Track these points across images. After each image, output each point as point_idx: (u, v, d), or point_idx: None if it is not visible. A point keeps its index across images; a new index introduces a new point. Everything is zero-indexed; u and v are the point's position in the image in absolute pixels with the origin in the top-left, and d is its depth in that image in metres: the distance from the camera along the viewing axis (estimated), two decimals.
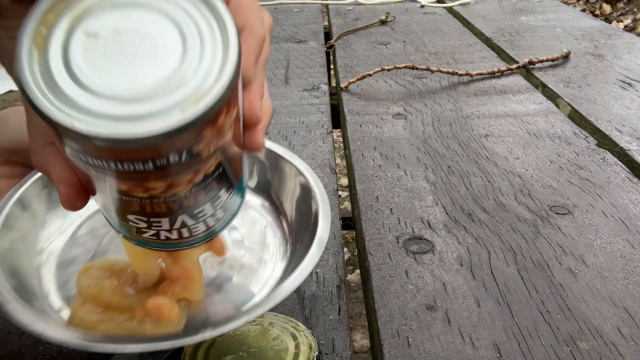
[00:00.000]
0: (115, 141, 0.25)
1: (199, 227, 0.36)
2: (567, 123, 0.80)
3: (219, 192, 0.35)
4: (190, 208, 0.33)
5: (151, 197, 0.31)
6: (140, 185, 0.29)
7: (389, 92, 0.95)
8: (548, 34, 1.26)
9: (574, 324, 0.44)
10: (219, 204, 0.35)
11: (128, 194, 0.30)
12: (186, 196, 0.32)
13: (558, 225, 0.57)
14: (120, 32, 0.27)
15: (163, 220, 0.33)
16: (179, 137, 0.26)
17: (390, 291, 0.48)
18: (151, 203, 0.31)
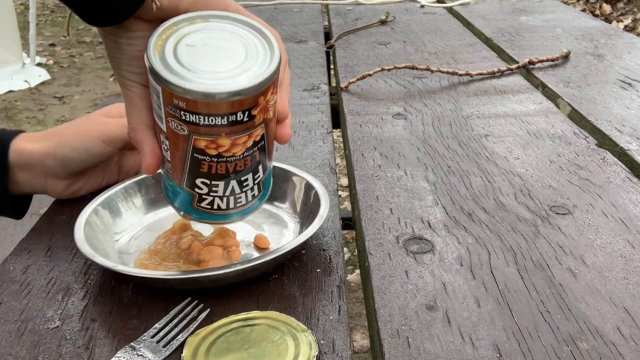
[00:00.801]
0: (207, 95, 0.42)
1: (242, 199, 0.49)
2: (567, 123, 0.80)
3: (259, 166, 0.48)
4: (240, 173, 0.47)
5: (218, 155, 0.45)
6: (214, 142, 0.44)
7: (389, 92, 0.95)
8: (548, 34, 1.26)
9: (574, 324, 0.44)
10: (258, 178, 0.49)
11: (203, 151, 0.45)
12: (240, 158, 0.46)
13: (558, 225, 0.57)
14: (207, 45, 0.44)
15: (220, 183, 0.47)
16: (245, 96, 0.42)
17: (390, 291, 0.48)
18: (217, 163, 0.46)
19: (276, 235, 0.57)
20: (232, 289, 0.50)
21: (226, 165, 0.46)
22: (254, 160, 0.47)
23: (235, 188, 0.48)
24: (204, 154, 0.45)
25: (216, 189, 0.47)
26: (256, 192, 0.50)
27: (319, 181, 0.60)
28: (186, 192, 0.48)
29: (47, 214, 0.64)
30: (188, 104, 0.42)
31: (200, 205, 0.48)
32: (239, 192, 0.48)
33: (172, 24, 0.45)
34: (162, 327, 0.45)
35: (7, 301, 0.50)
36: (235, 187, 0.48)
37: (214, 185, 0.47)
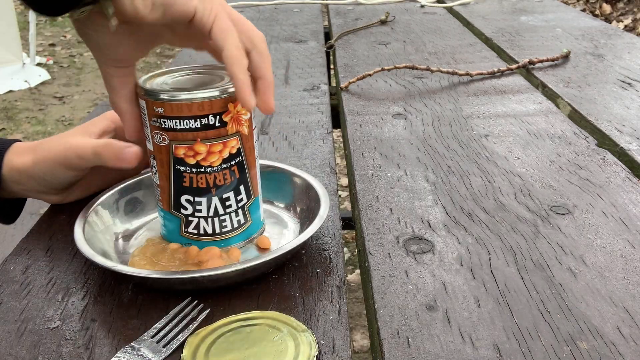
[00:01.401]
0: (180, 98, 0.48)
1: (227, 224, 0.53)
2: (567, 123, 0.80)
3: (240, 187, 0.52)
4: (221, 189, 0.51)
5: (197, 164, 0.50)
6: (192, 149, 0.49)
7: (389, 92, 0.95)
8: (548, 33, 1.26)
9: (574, 324, 0.44)
10: (241, 202, 0.53)
11: (183, 161, 0.50)
12: (218, 170, 0.50)
13: (558, 225, 0.57)
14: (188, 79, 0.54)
15: (202, 200, 0.51)
16: (214, 98, 0.48)
17: (390, 291, 0.48)
18: (196, 174, 0.50)
19: (276, 235, 0.57)
20: (232, 289, 0.50)
21: (206, 178, 0.50)
22: (234, 176, 0.51)
23: (218, 208, 0.52)
24: (184, 163, 0.50)
25: (200, 208, 0.51)
26: (241, 218, 0.53)
27: (319, 181, 0.60)
28: (174, 217, 0.53)
29: (47, 214, 0.64)
30: (165, 109, 0.49)
31: (188, 231, 0.53)
32: (223, 212, 0.52)
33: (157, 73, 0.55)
34: (162, 327, 0.45)
35: (7, 301, 0.50)
36: (218, 206, 0.52)
37: (197, 203, 0.51)
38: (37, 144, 0.61)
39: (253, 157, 0.53)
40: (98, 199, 0.59)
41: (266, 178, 0.62)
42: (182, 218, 0.52)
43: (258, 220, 0.56)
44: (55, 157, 0.58)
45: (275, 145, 0.77)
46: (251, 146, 0.52)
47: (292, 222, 0.59)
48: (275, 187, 0.62)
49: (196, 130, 0.49)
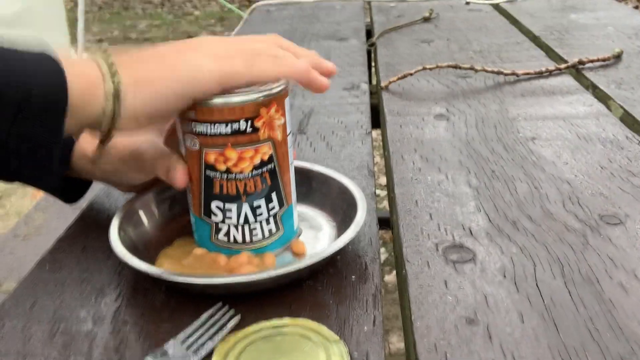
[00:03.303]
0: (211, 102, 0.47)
1: (257, 232, 0.51)
2: (619, 126, 0.76)
3: (272, 194, 0.51)
4: (251, 196, 0.50)
5: (227, 171, 0.48)
6: (222, 155, 0.48)
7: (431, 91, 0.92)
8: (599, 32, 1.21)
9: (625, 344, 0.41)
10: (273, 209, 0.51)
11: (213, 167, 0.49)
12: (249, 177, 0.49)
13: (609, 236, 0.53)
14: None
15: (232, 207, 0.50)
16: (245, 103, 0.47)
17: (428, 302, 0.46)
18: (227, 181, 0.49)
19: (311, 239, 0.56)
20: (264, 294, 0.49)
21: (236, 184, 0.49)
22: (265, 183, 0.50)
23: (248, 215, 0.50)
24: (214, 169, 0.49)
25: (230, 215, 0.50)
26: (273, 227, 0.52)
27: (356, 184, 0.59)
28: (205, 223, 0.52)
29: (85, 212, 0.64)
30: (197, 113, 0.47)
31: (218, 238, 0.52)
32: (253, 221, 0.51)
33: None
34: (192, 333, 0.44)
35: (41, 300, 0.50)
36: (248, 213, 0.50)
37: (228, 210, 0.50)
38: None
39: (287, 164, 0.51)
40: (135, 199, 0.59)
41: (302, 180, 0.62)
42: (212, 225, 0.51)
43: (291, 229, 0.54)
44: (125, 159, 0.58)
45: (313, 146, 0.76)
46: (285, 152, 0.51)
47: (327, 226, 0.58)
48: (311, 190, 0.61)
49: (227, 135, 0.48)
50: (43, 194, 1.96)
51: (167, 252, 0.54)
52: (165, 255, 0.54)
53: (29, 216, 1.34)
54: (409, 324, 0.45)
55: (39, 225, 1.29)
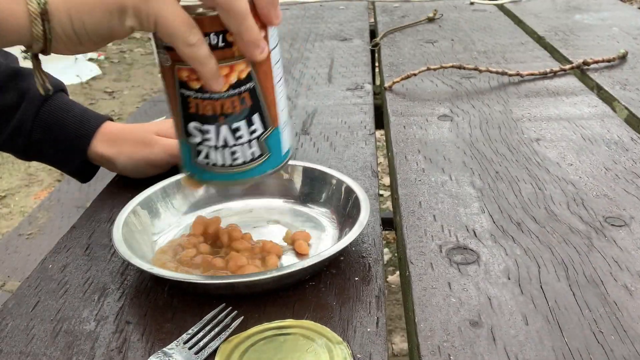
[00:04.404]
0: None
1: (238, 155, 0.47)
2: (624, 128, 0.76)
3: (253, 116, 0.46)
4: (230, 117, 0.46)
5: (201, 89, 0.44)
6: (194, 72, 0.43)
7: (434, 92, 0.92)
8: (604, 33, 1.20)
9: (630, 347, 0.41)
10: (254, 132, 0.47)
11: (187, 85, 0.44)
12: (225, 97, 0.45)
13: (613, 238, 0.53)
14: None
15: (211, 128, 0.46)
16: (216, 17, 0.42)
17: (431, 304, 0.46)
18: (202, 100, 0.45)
19: (314, 240, 0.56)
20: (268, 295, 0.48)
21: (212, 104, 0.45)
22: (244, 104, 0.46)
23: (227, 138, 0.46)
24: (188, 87, 0.45)
25: (208, 137, 0.46)
26: (256, 150, 0.48)
27: (359, 185, 0.59)
28: (185, 144, 0.48)
29: (88, 211, 0.64)
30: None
31: (198, 161, 0.48)
32: (233, 143, 0.47)
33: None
34: (195, 333, 0.44)
35: (44, 300, 0.50)
36: (227, 136, 0.46)
37: (206, 132, 0.46)
38: (118, 136, 0.69)
39: (270, 83, 0.46)
40: (137, 198, 0.58)
41: (305, 180, 0.62)
42: (192, 146, 0.47)
43: (278, 154, 0.49)
44: (142, 154, 0.67)
45: (317, 146, 0.76)
46: (267, 70, 0.45)
47: (331, 227, 0.58)
48: (314, 190, 0.61)
49: None
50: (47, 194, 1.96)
51: (163, 249, 0.55)
52: (161, 251, 0.54)
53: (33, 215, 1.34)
54: (413, 325, 0.45)
55: (42, 225, 1.29)
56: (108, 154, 0.68)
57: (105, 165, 0.70)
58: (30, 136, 0.67)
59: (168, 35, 0.41)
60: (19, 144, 0.68)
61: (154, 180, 0.62)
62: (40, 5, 0.39)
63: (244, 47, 0.43)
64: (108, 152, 0.68)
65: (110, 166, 0.69)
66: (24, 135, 0.67)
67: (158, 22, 0.41)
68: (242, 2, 0.41)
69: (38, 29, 0.40)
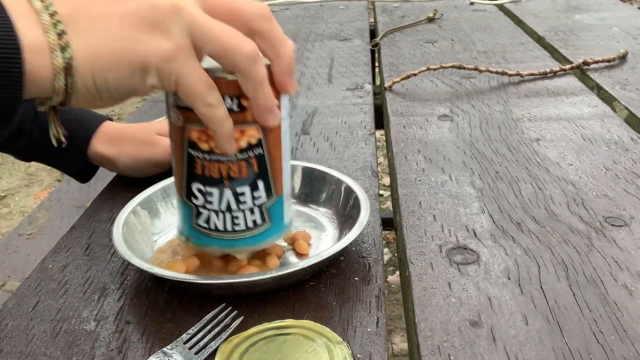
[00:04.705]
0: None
1: (240, 222, 0.47)
2: (624, 128, 0.76)
3: (258, 182, 0.46)
4: (235, 181, 0.46)
5: (210, 151, 0.45)
6: (205, 133, 0.44)
7: (434, 92, 0.92)
8: (604, 33, 1.20)
9: (630, 347, 0.41)
10: (258, 199, 0.47)
11: (196, 145, 0.45)
12: (233, 160, 0.45)
13: (614, 238, 0.53)
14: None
15: (214, 191, 0.46)
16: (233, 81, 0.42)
17: (431, 304, 0.46)
18: (209, 162, 0.45)
19: (314, 240, 0.56)
20: (268, 295, 0.48)
21: (219, 167, 0.45)
22: (251, 170, 0.46)
23: (231, 202, 0.47)
24: (197, 148, 0.45)
25: (211, 199, 0.47)
26: (258, 218, 0.48)
27: (359, 185, 0.59)
28: (186, 206, 0.48)
29: (88, 211, 0.64)
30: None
31: (199, 224, 0.48)
32: (236, 209, 0.47)
33: None
34: (195, 333, 0.44)
35: (44, 300, 0.50)
36: (230, 200, 0.47)
37: (209, 194, 0.47)
38: (119, 136, 0.69)
39: (278, 152, 0.47)
40: (137, 198, 0.58)
41: (305, 180, 0.62)
42: (193, 208, 0.48)
43: (280, 224, 0.49)
44: (145, 154, 0.67)
45: (317, 146, 0.76)
46: (276, 139, 0.46)
47: (331, 227, 0.58)
48: (314, 190, 0.61)
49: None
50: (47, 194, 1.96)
51: (162, 248, 0.55)
52: (160, 250, 0.54)
53: (33, 215, 1.34)
54: (413, 325, 0.45)
55: (42, 225, 1.29)
56: (109, 154, 0.68)
57: (106, 166, 0.70)
58: (30, 137, 0.67)
59: (188, 95, 0.41)
60: (20, 145, 0.68)
61: (154, 180, 0.62)
62: (65, 60, 0.38)
63: (258, 112, 0.43)
64: (108, 152, 0.68)
65: (111, 166, 0.69)
66: (24, 136, 0.67)
67: (179, 81, 0.40)
68: (261, 69, 0.42)
69: (60, 83, 0.39)
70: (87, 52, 0.39)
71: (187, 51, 0.40)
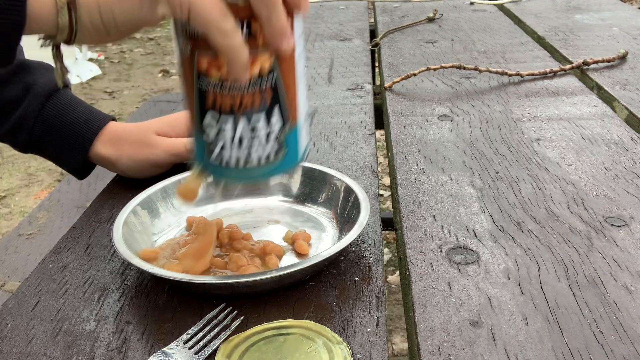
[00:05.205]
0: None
1: (254, 153, 0.45)
2: (624, 128, 0.76)
3: (273, 111, 0.44)
4: (248, 112, 0.43)
5: (221, 80, 0.42)
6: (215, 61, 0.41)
7: (434, 92, 0.92)
8: (604, 33, 1.20)
9: (630, 347, 0.41)
10: (272, 130, 0.44)
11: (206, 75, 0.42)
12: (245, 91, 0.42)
13: (613, 238, 0.53)
14: None
15: (228, 123, 0.43)
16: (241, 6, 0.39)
17: (431, 304, 0.46)
18: (221, 93, 0.42)
19: (314, 240, 0.56)
20: (268, 295, 0.49)
21: (232, 98, 0.43)
22: (265, 98, 0.43)
23: (244, 133, 0.44)
24: (207, 78, 0.42)
25: (224, 131, 0.44)
26: (273, 148, 0.45)
27: (359, 185, 0.59)
28: (199, 140, 0.46)
29: (88, 211, 0.64)
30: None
31: (213, 157, 0.45)
32: (250, 140, 0.44)
33: None
34: (195, 333, 0.44)
35: (44, 300, 0.50)
36: (244, 131, 0.44)
37: (223, 127, 0.44)
38: (119, 137, 0.69)
39: (293, 77, 0.44)
40: (138, 198, 0.58)
41: (305, 181, 0.62)
42: (206, 142, 0.45)
43: (295, 152, 0.46)
44: (144, 155, 0.67)
45: (317, 146, 0.76)
46: (290, 64, 0.43)
47: (331, 227, 0.58)
48: (314, 191, 0.61)
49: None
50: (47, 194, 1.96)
51: (161, 247, 0.55)
52: (159, 249, 0.54)
53: (33, 215, 1.34)
54: (413, 325, 0.45)
55: (42, 225, 1.29)
56: (109, 155, 0.68)
57: (106, 166, 0.70)
58: (32, 132, 0.67)
59: (201, 23, 0.39)
60: (20, 139, 0.68)
61: (154, 180, 0.62)
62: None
63: (272, 35, 0.40)
64: (109, 153, 0.68)
65: (111, 167, 0.69)
66: (25, 130, 0.67)
67: (192, 8, 0.38)
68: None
69: (64, 19, 0.37)
70: None
71: None
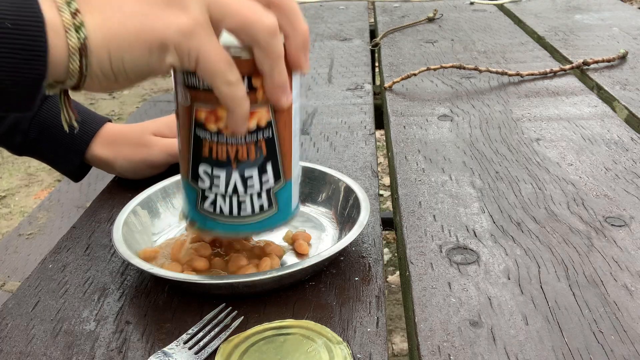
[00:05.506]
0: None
1: (246, 206, 0.46)
2: (624, 128, 0.76)
3: (267, 165, 0.45)
4: (243, 164, 0.44)
5: (218, 132, 0.43)
6: (214, 113, 0.42)
7: (434, 92, 0.92)
8: (604, 33, 1.20)
9: (630, 347, 0.41)
10: (266, 183, 0.46)
11: (204, 126, 0.43)
12: (241, 142, 0.43)
13: (614, 238, 0.53)
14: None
15: (221, 174, 0.45)
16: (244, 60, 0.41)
17: (431, 304, 0.46)
18: (217, 144, 0.44)
19: (314, 240, 0.56)
20: (268, 295, 0.49)
21: (227, 149, 0.44)
22: (260, 153, 0.44)
23: (238, 186, 0.45)
24: (205, 129, 0.43)
25: (218, 183, 0.45)
26: (265, 203, 0.46)
27: (359, 185, 0.59)
28: (191, 188, 0.47)
29: (88, 211, 0.64)
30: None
31: (204, 207, 0.47)
32: (243, 192, 0.45)
33: None
34: (195, 333, 0.44)
35: (44, 300, 0.50)
36: (238, 184, 0.45)
37: (216, 177, 0.45)
38: (115, 139, 0.69)
39: (288, 134, 0.45)
40: (137, 198, 0.58)
41: (305, 180, 0.62)
42: (199, 191, 0.46)
43: (287, 209, 0.48)
44: (140, 156, 0.67)
45: (317, 146, 0.76)
46: (287, 120, 0.44)
47: (331, 227, 0.58)
48: (314, 190, 0.61)
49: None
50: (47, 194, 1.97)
51: (161, 246, 0.55)
52: (159, 248, 0.54)
53: (33, 215, 1.34)
54: (413, 326, 0.45)
55: (42, 225, 1.29)
56: (106, 157, 0.68)
57: (103, 168, 0.69)
58: (27, 134, 0.67)
59: (208, 73, 0.39)
60: (15, 142, 0.68)
61: (154, 180, 0.62)
62: (80, 40, 0.36)
63: (272, 89, 0.42)
64: (106, 155, 0.68)
65: (108, 169, 0.69)
66: (20, 133, 0.67)
67: (200, 59, 0.39)
68: (279, 43, 0.40)
69: (75, 64, 0.37)
70: (103, 31, 0.37)
71: (206, 27, 0.38)
